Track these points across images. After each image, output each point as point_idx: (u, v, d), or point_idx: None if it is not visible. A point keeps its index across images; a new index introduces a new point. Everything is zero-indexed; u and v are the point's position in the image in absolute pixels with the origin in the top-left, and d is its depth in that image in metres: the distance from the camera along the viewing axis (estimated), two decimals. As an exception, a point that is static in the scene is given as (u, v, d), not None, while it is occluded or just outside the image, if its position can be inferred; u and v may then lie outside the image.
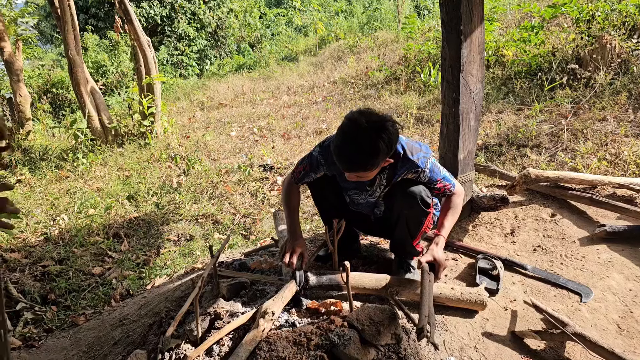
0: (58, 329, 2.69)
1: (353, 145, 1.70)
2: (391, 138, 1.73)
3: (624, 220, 2.73)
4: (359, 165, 1.73)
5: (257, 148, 6.09)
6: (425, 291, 1.79)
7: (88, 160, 5.97)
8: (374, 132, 1.68)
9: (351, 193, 2.18)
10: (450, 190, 2.09)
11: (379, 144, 1.68)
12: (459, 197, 2.10)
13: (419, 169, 1.96)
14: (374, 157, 1.70)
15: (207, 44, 14.71)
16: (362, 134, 1.69)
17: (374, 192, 2.11)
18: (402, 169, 1.97)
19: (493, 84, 6.04)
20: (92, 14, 13.77)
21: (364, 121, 1.70)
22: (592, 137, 4.02)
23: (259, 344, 1.63)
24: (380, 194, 2.11)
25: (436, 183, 2.03)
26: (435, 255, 1.95)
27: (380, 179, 2.03)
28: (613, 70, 4.98)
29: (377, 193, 2.11)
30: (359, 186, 2.11)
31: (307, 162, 2.14)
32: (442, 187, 2.06)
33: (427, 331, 1.58)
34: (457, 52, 2.43)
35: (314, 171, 2.14)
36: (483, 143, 4.55)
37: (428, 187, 2.03)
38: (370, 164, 1.72)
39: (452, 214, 2.08)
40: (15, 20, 8.41)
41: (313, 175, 2.16)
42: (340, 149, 1.74)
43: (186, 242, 3.93)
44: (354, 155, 1.71)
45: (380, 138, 1.69)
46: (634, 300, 2.09)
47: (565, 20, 6.60)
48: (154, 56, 6.71)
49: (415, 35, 9.10)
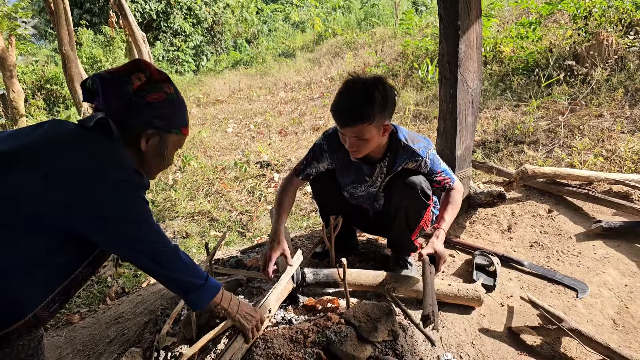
0: (52, 327, 2.67)
1: (348, 96, 1.74)
2: (386, 90, 1.75)
3: (620, 216, 2.74)
4: (354, 115, 1.72)
5: (254, 145, 6.07)
6: (427, 282, 1.80)
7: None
8: (368, 84, 1.73)
9: (349, 188, 2.16)
10: (449, 184, 2.09)
11: (374, 93, 1.71)
12: (458, 193, 2.11)
13: (420, 157, 1.95)
14: (369, 105, 1.71)
15: (203, 39, 14.65)
16: (357, 87, 1.74)
17: (374, 182, 2.09)
18: (402, 157, 1.96)
19: (490, 80, 6.04)
20: (87, 8, 13.66)
21: (360, 78, 1.78)
22: (588, 133, 4.03)
23: (256, 342, 1.63)
24: (380, 184, 2.09)
25: (436, 175, 2.03)
26: (435, 247, 1.95)
27: (381, 167, 2.02)
28: (610, 67, 4.98)
29: (378, 183, 2.09)
30: (358, 178, 2.09)
31: (310, 151, 2.13)
32: (441, 181, 2.06)
33: (432, 319, 1.60)
34: (454, 48, 2.42)
35: (317, 160, 2.11)
36: (480, 139, 4.55)
37: (428, 179, 2.02)
38: (367, 114, 1.71)
39: (452, 208, 2.08)
40: (9, 15, 8.34)
41: (315, 164, 2.12)
42: (337, 104, 1.76)
43: (182, 240, 3.92)
44: (349, 105, 1.73)
45: (375, 88, 1.73)
46: (629, 296, 2.10)
47: (562, 17, 6.61)
48: (149, 52, 6.69)
49: (412, 31, 9.08)
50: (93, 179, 1.15)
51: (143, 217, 1.27)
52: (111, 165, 1.19)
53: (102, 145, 1.21)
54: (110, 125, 1.24)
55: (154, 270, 1.34)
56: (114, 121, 1.25)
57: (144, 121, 1.29)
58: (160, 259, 1.31)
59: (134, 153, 1.32)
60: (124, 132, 1.28)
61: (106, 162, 1.19)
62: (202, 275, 1.41)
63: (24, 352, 1.30)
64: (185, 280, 1.37)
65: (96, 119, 1.22)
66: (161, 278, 1.38)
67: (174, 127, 1.35)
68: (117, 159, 1.22)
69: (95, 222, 1.18)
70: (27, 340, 1.30)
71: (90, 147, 1.19)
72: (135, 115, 1.28)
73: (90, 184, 1.15)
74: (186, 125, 1.41)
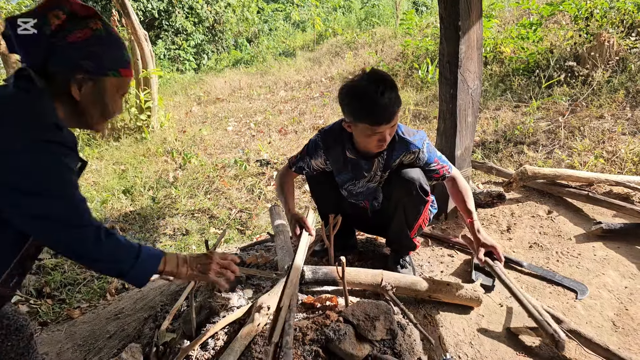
0: (53, 322, 2.68)
1: (385, 92, 1.68)
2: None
3: (620, 218, 2.74)
4: (395, 107, 1.72)
5: (254, 143, 6.07)
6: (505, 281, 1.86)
7: (84, 154, 5.95)
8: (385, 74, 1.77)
9: (347, 185, 2.17)
10: (448, 172, 2.07)
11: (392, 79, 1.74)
12: (461, 179, 2.09)
13: (417, 149, 1.95)
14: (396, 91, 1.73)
15: (204, 38, 14.63)
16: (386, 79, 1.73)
17: (372, 176, 2.09)
18: (399, 150, 1.97)
19: (491, 80, 6.04)
20: (89, 7, 13.67)
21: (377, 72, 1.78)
22: (589, 134, 4.03)
23: (254, 339, 1.63)
24: (380, 178, 2.09)
25: (434, 165, 2.03)
26: (486, 241, 1.96)
27: (378, 161, 2.02)
28: (611, 68, 4.98)
29: (377, 177, 2.09)
30: (356, 174, 2.10)
31: (305, 147, 2.15)
32: (440, 169, 2.05)
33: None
34: (455, 48, 2.42)
35: (310, 155, 2.12)
36: (480, 140, 4.55)
37: (426, 170, 2.02)
38: (399, 99, 1.74)
39: (469, 195, 2.05)
40: (12, 13, 8.34)
41: (308, 160, 2.13)
42: (376, 104, 1.69)
43: (182, 237, 3.92)
44: (390, 99, 1.69)
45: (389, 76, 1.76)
46: (629, 298, 2.10)
47: (563, 18, 6.60)
48: (151, 50, 6.67)
49: (413, 31, 9.07)
50: (4, 143, 1.02)
51: (59, 190, 1.09)
52: (24, 124, 1.05)
53: (16, 101, 1.07)
54: (32, 77, 1.10)
55: (77, 260, 1.20)
56: (36, 70, 1.11)
57: (69, 65, 1.13)
58: (80, 250, 1.15)
59: (68, 104, 1.17)
60: (50, 82, 1.13)
61: (19, 120, 1.05)
62: (132, 253, 1.24)
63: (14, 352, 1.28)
64: (113, 267, 1.22)
65: (16, 72, 1.11)
66: (88, 266, 1.29)
67: (108, 69, 1.19)
68: (32, 114, 1.07)
69: (9, 197, 1.05)
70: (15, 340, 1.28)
71: (2, 107, 1.06)
72: (57, 60, 1.12)
73: (2, 150, 1.02)
74: (126, 66, 1.24)
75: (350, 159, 2.05)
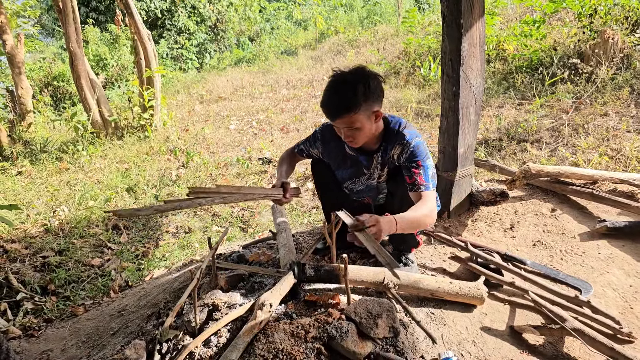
0: (57, 319, 2.70)
1: (332, 90, 1.78)
2: (368, 78, 1.77)
3: (624, 216, 2.72)
4: (340, 107, 1.76)
5: (256, 141, 6.07)
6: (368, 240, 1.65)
7: (88, 152, 5.97)
8: (349, 76, 1.78)
9: (348, 184, 2.18)
10: (420, 188, 1.88)
11: (355, 83, 1.74)
12: (424, 208, 1.82)
13: (405, 141, 1.92)
14: (352, 95, 1.74)
15: (206, 37, 14.65)
16: (339, 80, 1.79)
17: (371, 174, 2.09)
18: (392, 142, 1.96)
19: (494, 78, 6.02)
20: (93, 7, 13.70)
21: (341, 72, 1.81)
22: (593, 132, 4.01)
23: (257, 336, 1.63)
24: (379, 176, 2.09)
25: (413, 166, 1.89)
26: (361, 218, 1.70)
27: (377, 157, 2.02)
28: (615, 65, 4.95)
29: (375, 175, 2.09)
30: (356, 171, 2.11)
31: (311, 135, 2.21)
32: (415, 176, 1.89)
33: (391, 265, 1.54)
34: (457, 46, 2.41)
35: (310, 144, 2.20)
36: (483, 137, 4.54)
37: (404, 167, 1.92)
38: (351, 104, 1.74)
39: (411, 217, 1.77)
40: (18, 14, 8.38)
41: (308, 145, 2.21)
42: (323, 99, 1.80)
43: (185, 235, 3.93)
44: (334, 98, 1.77)
45: (356, 78, 1.76)
46: (634, 296, 2.09)
47: (567, 15, 6.57)
48: (154, 49, 6.68)
49: (415, 29, 9.05)
50: None
51: None
52: None
53: None
54: None
55: None
56: None
57: None
58: None
59: None
60: None
61: None
62: None
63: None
64: None
65: None
66: None
67: None
68: None
69: None
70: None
71: None
72: None
73: None
74: None
75: (351, 155, 2.08)
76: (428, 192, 1.87)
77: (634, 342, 1.76)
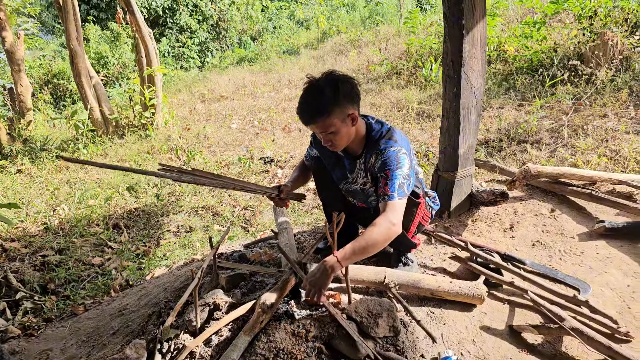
0: (57, 318, 2.70)
1: (303, 97, 1.84)
2: (337, 82, 1.80)
3: (623, 217, 2.74)
4: (309, 112, 1.81)
5: (258, 141, 6.08)
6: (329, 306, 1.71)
7: (89, 151, 5.98)
8: (317, 82, 1.82)
9: (343, 184, 2.20)
10: (384, 198, 1.82)
11: (323, 89, 1.79)
12: (383, 225, 1.75)
13: (379, 150, 1.91)
14: (321, 100, 1.78)
15: (208, 36, 14.64)
16: (308, 87, 1.84)
17: (354, 179, 2.10)
18: (371, 151, 1.95)
19: (494, 79, 6.03)
20: (94, 4, 13.69)
21: (312, 79, 1.86)
22: (592, 133, 4.02)
23: (258, 335, 1.64)
24: (363, 182, 2.09)
25: (382, 176, 1.85)
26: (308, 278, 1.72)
27: (359, 164, 2.03)
28: (614, 67, 4.96)
29: (360, 180, 2.09)
30: (343, 173, 2.15)
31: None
32: (382, 186, 1.84)
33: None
34: (458, 47, 2.42)
35: (310, 148, 2.28)
36: (483, 138, 4.55)
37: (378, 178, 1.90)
38: (320, 109, 1.78)
39: (365, 237, 1.74)
40: (17, 10, 8.37)
41: (309, 150, 2.29)
42: (298, 107, 1.85)
43: (186, 234, 3.94)
44: (304, 105, 1.82)
45: (325, 83, 1.80)
46: (631, 296, 2.10)
47: (567, 17, 6.58)
48: (155, 48, 6.68)
49: (417, 29, 9.05)
50: None
51: None
52: None
53: None
54: None
55: None
56: None
57: None
58: None
59: None
60: None
61: None
62: None
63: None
64: None
65: None
66: None
67: None
68: None
69: None
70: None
71: None
72: None
73: None
74: None
75: (338, 155, 2.13)
76: (392, 202, 1.80)
77: (631, 341, 1.77)
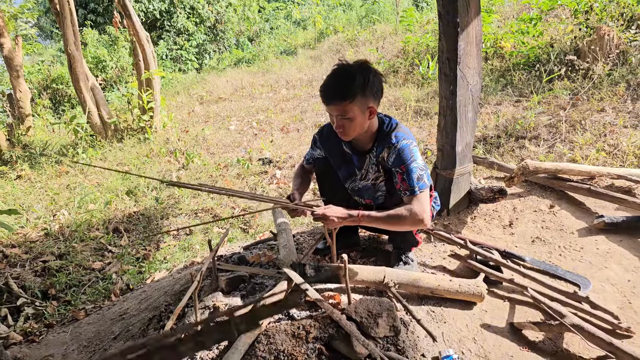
0: (58, 323, 2.70)
1: (332, 76, 1.84)
2: (369, 73, 1.81)
3: (622, 211, 2.74)
4: (336, 92, 1.80)
5: (256, 142, 6.08)
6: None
7: (88, 155, 5.98)
8: (351, 66, 1.84)
9: (349, 183, 2.19)
10: (406, 193, 1.90)
11: (355, 73, 1.79)
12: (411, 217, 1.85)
13: (391, 144, 1.93)
14: (350, 83, 1.78)
15: (206, 38, 14.65)
16: (340, 68, 1.85)
17: (365, 175, 2.11)
18: (382, 143, 1.97)
19: (491, 75, 6.03)
20: (91, 9, 13.70)
21: (344, 62, 1.87)
22: (590, 128, 4.02)
23: (258, 337, 1.64)
24: (375, 177, 2.10)
25: (398, 171, 1.91)
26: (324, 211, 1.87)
27: (370, 158, 2.04)
28: (611, 61, 4.96)
29: (371, 176, 2.10)
30: (351, 171, 2.14)
31: (312, 141, 2.28)
32: (399, 182, 1.91)
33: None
34: (454, 45, 2.42)
35: (312, 149, 2.26)
36: (481, 135, 4.55)
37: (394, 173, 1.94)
38: (348, 91, 1.78)
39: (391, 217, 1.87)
40: (15, 16, 8.38)
41: (311, 151, 2.28)
42: (323, 84, 1.85)
43: (185, 237, 3.94)
44: (332, 83, 1.82)
45: (357, 70, 1.81)
46: (632, 291, 2.10)
47: (563, 12, 6.57)
48: (153, 51, 6.68)
49: (413, 28, 9.06)
50: None
51: None
52: None
53: None
54: None
55: None
56: None
57: None
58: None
59: None
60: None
61: None
62: None
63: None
64: None
65: None
66: None
67: None
68: None
69: None
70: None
71: None
72: None
73: None
74: None
75: (346, 153, 2.12)
76: (414, 196, 1.88)
77: (632, 336, 1.77)
